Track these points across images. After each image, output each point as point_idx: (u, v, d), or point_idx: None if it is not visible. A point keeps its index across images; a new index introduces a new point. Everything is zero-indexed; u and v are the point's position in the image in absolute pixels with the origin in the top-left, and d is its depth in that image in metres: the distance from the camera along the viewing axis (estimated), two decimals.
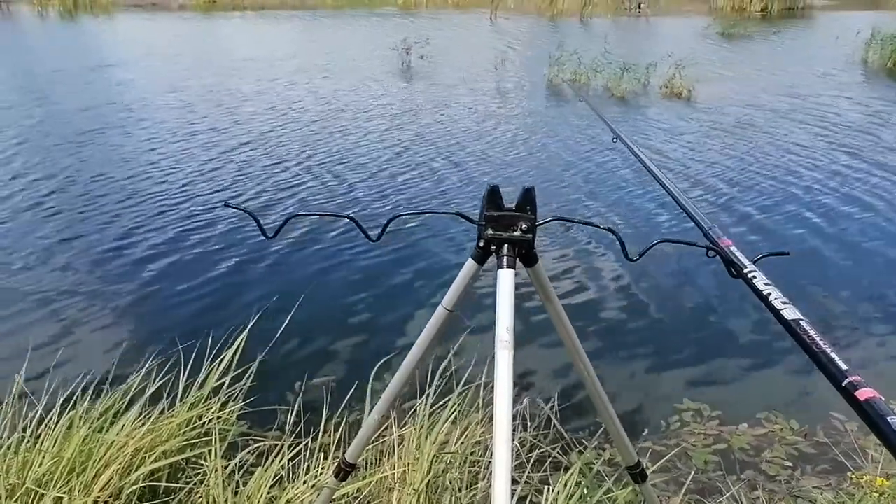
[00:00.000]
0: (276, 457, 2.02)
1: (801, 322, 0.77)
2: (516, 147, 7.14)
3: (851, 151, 6.98)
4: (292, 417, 2.40)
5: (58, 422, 2.06)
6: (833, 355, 0.70)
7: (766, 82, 10.66)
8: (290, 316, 2.77)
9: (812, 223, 5.08)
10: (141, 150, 6.75)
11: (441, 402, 2.30)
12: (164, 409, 2.19)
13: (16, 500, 1.74)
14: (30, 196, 5.40)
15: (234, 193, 5.56)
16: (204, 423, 2.16)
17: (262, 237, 1.10)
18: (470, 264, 1.16)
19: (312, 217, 5.49)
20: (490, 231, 1.07)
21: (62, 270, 4.14)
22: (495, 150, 6.98)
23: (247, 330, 2.46)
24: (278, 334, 2.60)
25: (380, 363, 2.57)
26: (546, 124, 8.26)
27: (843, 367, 0.69)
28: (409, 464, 2.01)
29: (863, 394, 0.65)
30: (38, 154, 6.54)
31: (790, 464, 2.59)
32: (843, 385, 0.67)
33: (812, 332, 0.74)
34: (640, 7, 22.05)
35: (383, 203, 5.41)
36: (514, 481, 2.06)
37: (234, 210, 4.93)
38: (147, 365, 2.39)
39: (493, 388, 0.94)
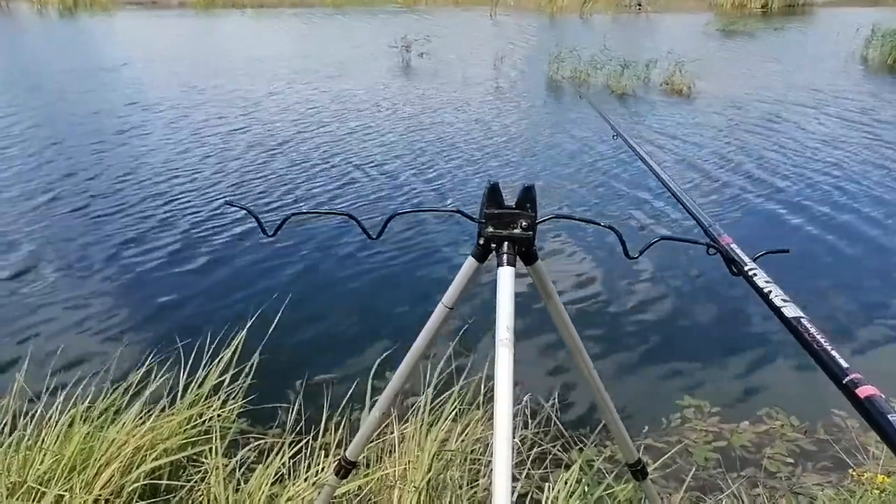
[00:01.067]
0: (276, 454, 2.03)
1: (801, 320, 0.77)
2: (516, 144, 7.14)
3: (852, 148, 6.97)
4: (293, 415, 2.40)
5: (59, 420, 2.06)
6: (833, 353, 0.70)
7: (766, 79, 10.65)
8: (290, 314, 2.77)
9: (813, 220, 5.08)
10: (140, 150, 6.75)
11: (442, 400, 2.31)
12: (164, 407, 2.19)
13: (17, 498, 1.74)
14: (28, 194, 5.40)
15: (231, 191, 5.56)
16: (204, 420, 2.16)
17: (263, 235, 1.10)
18: (470, 262, 1.15)
19: (312, 215, 5.49)
20: (490, 229, 1.07)
21: (62, 268, 4.14)
22: (495, 148, 6.97)
23: (247, 328, 2.46)
24: (278, 332, 2.60)
25: (380, 361, 2.57)
26: (546, 121, 8.25)
27: (844, 364, 0.69)
28: (409, 461, 2.01)
29: (863, 391, 0.65)
30: (37, 152, 6.54)
31: (791, 461, 2.59)
32: (844, 382, 0.67)
33: (812, 330, 0.74)
34: (639, 4, 22.02)
35: (383, 200, 5.41)
36: (514, 478, 2.06)
37: (234, 208, 4.95)
38: (147, 363, 2.39)
39: (493, 385, 0.94)
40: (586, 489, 1.99)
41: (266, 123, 7.82)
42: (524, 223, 1.06)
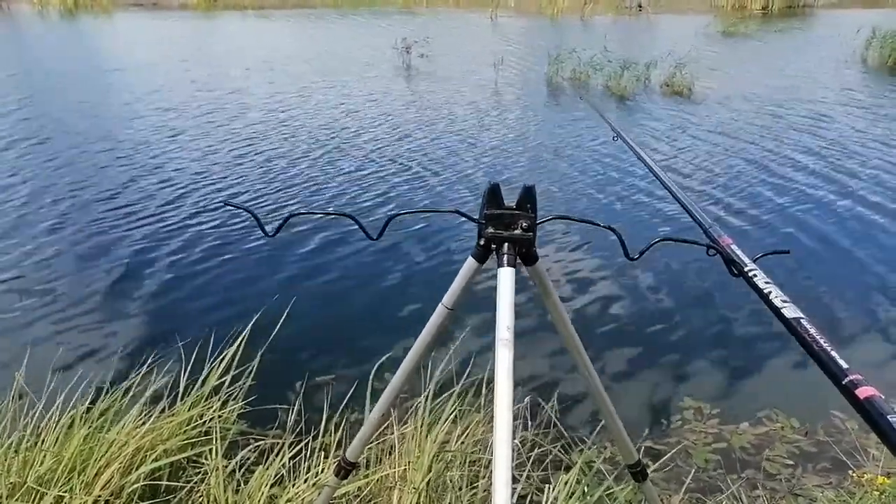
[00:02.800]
0: (276, 455, 2.03)
1: (801, 320, 0.77)
2: (516, 145, 7.14)
3: (852, 149, 6.97)
4: (293, 416, 2.40)
5: (58, 421, 2.06)
6: (833, 353, 0.71)
7: (766, 80, 10.65)
8: (290, 315, 2.76)
9: (813, 221, 5.08)
10: (142, 150, 6.75)
11: (441, 401, 2.31)
12: (164, 408, 2.19)
13: (17, 499, 1.74)
14: (28, 195, 5.40)
15: (232, 192, 5.56)
16: (205, 421, 2.16)
17: (263, 235, 1.10)
18: (470, 263, 1.15)
19: (313, 215, 5.48)
20: (490, 229, 1.07)
21: (63, 269, 4.14)
22: (495, 149, 6.98)
23: (247, 329, 2.46)
24: (279, 333, 2.60)
25: (380, 362, 2.57)
26: (546, 123, 8.26)
27: (844, 365, 0.69)
28: (409, 462, 2.01)
29: (863, 392, 0.65)
30: (37, 150, 6.54)
31: (791, 462, 2.59)
32: (844, 383, 0.67)
33: (812, 331, 0.75)
34: (640, 6, 22.03)
35: (383, 201, 5.41)
36: (514, 480, 2.06)
37: (235, 208, 4.96)
38: (147, 364, 2.39)
39: (493, 386, 0.94)
40: (586, 490, 1.99)
41: (264, 125, 7.82)
42: (524, 224, 1.06)
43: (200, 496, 1.94)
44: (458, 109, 8.77)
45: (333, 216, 5.34)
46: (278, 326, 2.62)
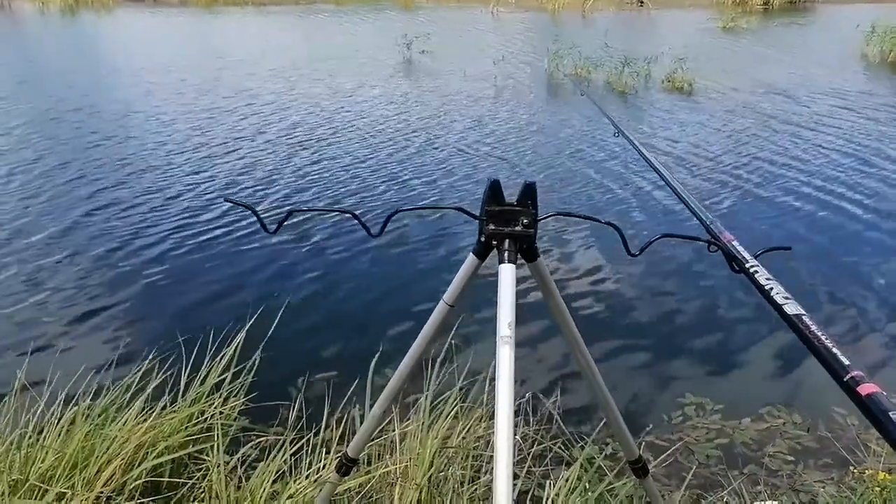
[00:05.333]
0: (278, 452, 2.03)
1: (802, 317, 0.77)
2: (517, 142, 7.13)
3: (853, 144, 6.96)
4: (294, 412, 2.40)
5: (60, 417, 2.06)
6: (835, 350, 0.70)
7: (767, 76, 10.63)
8: (291, 311, 2.77)
9: (815, 217, 5.08)
10: (142, 149, 6.75)
11: (443, 398, 2.31)
12: (166, 404, 2.20)
13: (20, 496, 1.75)
14: (29, 191, 5.40)
15: (231, 188, 5.56)
16: (206, 418, 2.16)
17: (263, 232, 1.10)
18: (471, 259, 1.15)
19: (314, 212, 5.49)
20: (491, 226, 1.07)
21: (64, 266, 4.15)
22: (496, 145, 6.97)
23: (248, 325, 2.46)
24: (280, 329, 2.60)
25: (381, 358, 2.57)
26: (547, 119, 8.25)
27: (845, 361, 0.68)
28: (411, 459, 2.01)
29: (864, 389, 0.65)
30: (39, 148, 6.54)
31: (792, 458, 2.59)
32: (845, 380, 0.67)
33: (814, 327, 0.74)
34: (641, 1, 21.98)
35: (384, 197, 5.41)
36: (515, 476, 2.06)
37: (236, 205, 4.96)
38: (149, 360, 2.39)
39: (494, 383, 0.94)
40: (587, 486, 1.99)
41: (265, 121, 7.81)
42: (525, 220, 1.06)
43: (202, 492, 1.94)
44: (459, 105, 8.76)
45: (334, 212, 5.36)
46: (279, 323, 2.62)
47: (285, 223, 1.12)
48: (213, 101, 8.82)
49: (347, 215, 1.13)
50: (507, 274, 1.04)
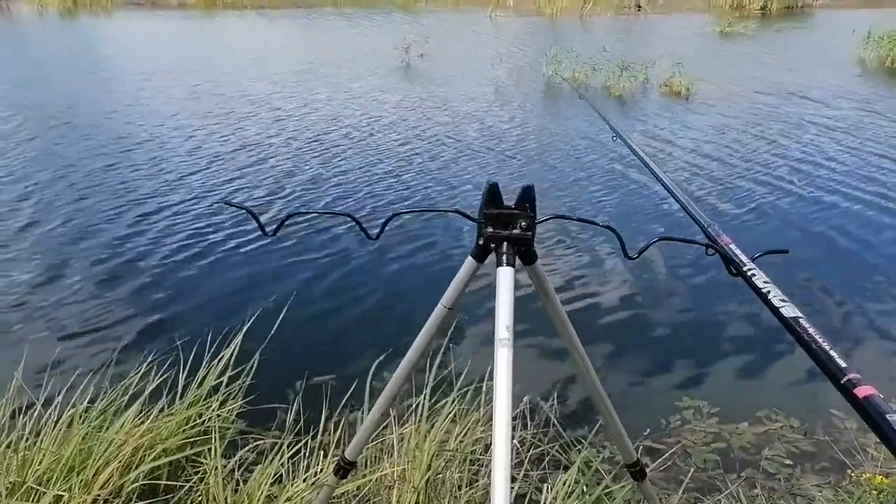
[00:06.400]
0: (275, 455, 2.03)
1: (799, 320, 0.77)
2: (515, 145, 7.14)
3: (849, 148, 6.98)
4: (292, 415, 2.40)
5: (57, 420, 2.06)
6: (832, 353, 0.71)
7: (764, 81, 10.65)
8: (289, 314, 2.77)
9: (812, 221, 5.08)
10: (142, 151, 6.75)
11: (440, 401, 2.31)
12: (163, 407, 2.19)
13: (16, 498, 1.74)
14: (28, 194, 5.39)
15: (231, 191, 5.56)
16: (203, 421, 2.16)
17: (262, 235, 1.10)
18: (469, 262, 1.15)
19: (312, 215, 5.48)
20: (490, 229, 1.07)
21: (61, 268, 4.14)
22: (494, 149, 6.98)
23: (245, 328, 2.46)
24: (277, 332, 2.61)
25: (379, 361, 2.57)
26: (545, 123, 8.26)
27: (842, 364, 0.69)
28: (408, 462, 2.01)
29: (861, 391, 0.65)
30: (37, 149, 6.54)
31: (790, 462, 2.59)
32: (842, 382, 0.67)
33: (811, 330, 0.75)
34: (639, 6, 22.03)
35: (382, 201, 5.41)
36: (513, 479, 2.06)
37: (234, 208, 4.96)
38: (146, 363, 2.39)
39: (492, 386, 0.94)
40: (584, 490, 1.99)
41: (264, 124, 7.81)
42: (523, 223, 1.07)
43: (199, 495, 1.94)
44: (457, 110, 8.76)
45: (332, 215, 5.36)
46: (277, 326, 2.62)
47: (284, 226, 1.12)
48: (209, 106, 8.82)
49: (346, 218, 1.13)
50: (505, 277, 1.04)
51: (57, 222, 4.85)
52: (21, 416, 2.10)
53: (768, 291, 0.84)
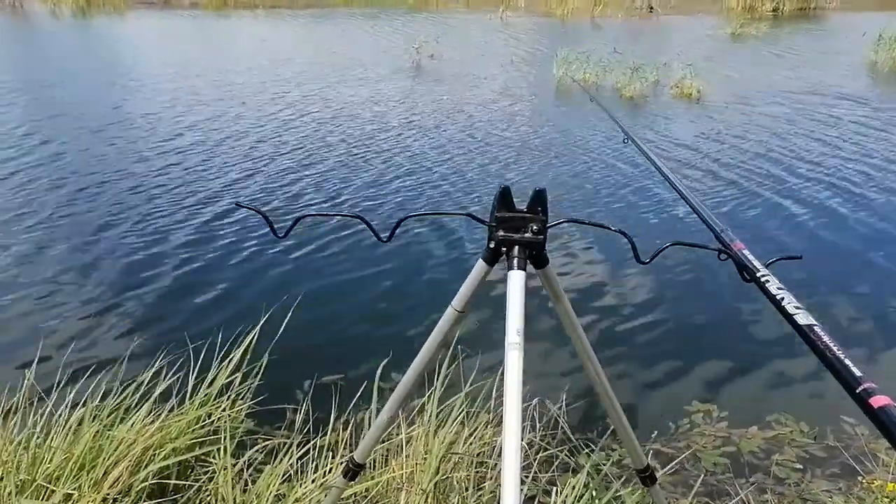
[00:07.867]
0: (284, 455, 2.03)
1: (814, 327, 0.76)
2: (527, 148, 7.13)
3: (863, 152, 6.93)
4: (301, 416, 2.41)
5: (68, 419, 2.07)
6: (847, 361, 0.70)
7: (776, 83, 10.60)
8: (299, 315, 2.77)
9: (826, 226, 5.05)
10: (151, 149, 6.78)
11: (449, 403, 2.30)
12: (173, 406, 2.20)
13: (27, 496, 1.75)
14: (40, 193, 5.43)
15: (242, 192, 5.57)
16: (213, 421, 2.17)
17: (273, 236, 1.10)
18: (480, 265, 1.15)
19: (323, 216, 5.50)
20: (501, 232, 1.07)
21: (73, 269, 4.17)
22: (506, 151, 6.97)
23: (256, 328, 2.47)
24: (287, 333, 2.61)
25: (388, 363, 2.57)
26: (556, 125, 8.24)
27: (858, 373, 0.68)
28: (417, 464, 2.01)
29: (877, 401, 0.64)
30: (52, 147, 6.58)
31: (800, 467, 2.58)
32: (857, 392, 0.67)
33: (826, 338, 0.74)
34: (650, 7, 21.97)
35: (393, 203, 5.41)
36: (521, 482, 2.05)
37: (245, 209, 4.96)
38: (157, 363, 2.40)
39: (502, 389, 0.94)
40: (594, 494, 1.98)
41: (275, 124, 7.83)
42: (535, 227, 1.06)
43: (208, 495, 1.95)
44: (468, 111, 8.76)
45: (343, 217, 5.36)
46: (287, 326, 2.63)
47: (295, 228, 1.12)
48: (220, 106, 8.85)
49: (357, 220, 1.13)
50: (516, 280, 1.04)
51: (68, 223, 4.87)
52: (32, 415, 2.11)
53: (782, 298, 0.83)
